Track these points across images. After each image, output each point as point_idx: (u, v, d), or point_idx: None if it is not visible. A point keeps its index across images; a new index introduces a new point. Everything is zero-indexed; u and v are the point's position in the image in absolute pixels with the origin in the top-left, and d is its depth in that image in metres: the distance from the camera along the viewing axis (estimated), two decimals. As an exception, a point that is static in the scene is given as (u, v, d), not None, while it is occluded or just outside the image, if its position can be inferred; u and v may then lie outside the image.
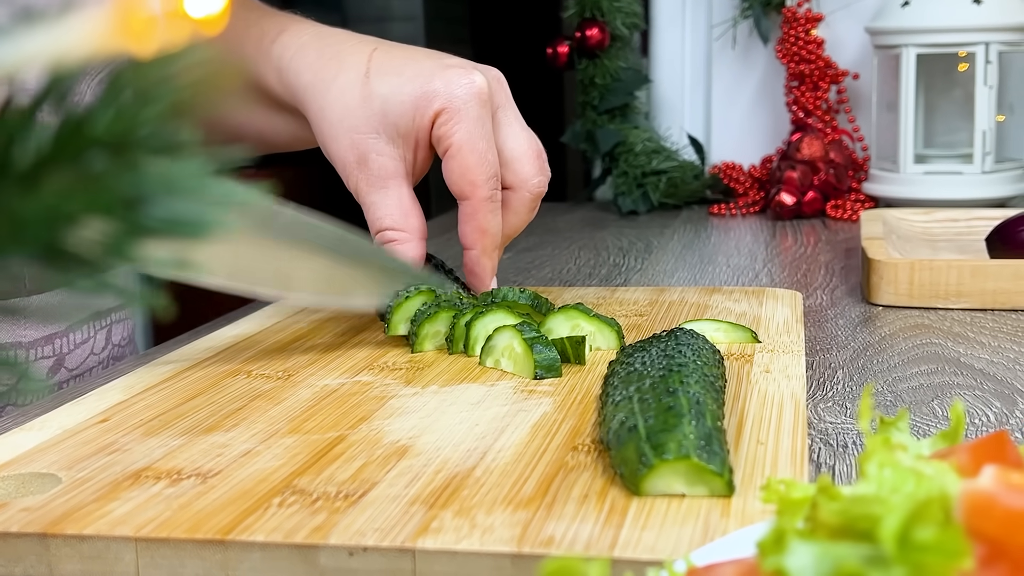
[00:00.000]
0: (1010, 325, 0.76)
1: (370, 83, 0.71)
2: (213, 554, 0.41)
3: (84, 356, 0.74)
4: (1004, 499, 0.27)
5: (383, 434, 0.52)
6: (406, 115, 0.70)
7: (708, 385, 0.51)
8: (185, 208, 0.17)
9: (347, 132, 0.71)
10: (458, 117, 0.69)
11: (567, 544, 0.40)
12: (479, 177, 0.70)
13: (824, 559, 0.25)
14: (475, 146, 0.69)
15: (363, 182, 0.71)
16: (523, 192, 0.73)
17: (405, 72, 0.71)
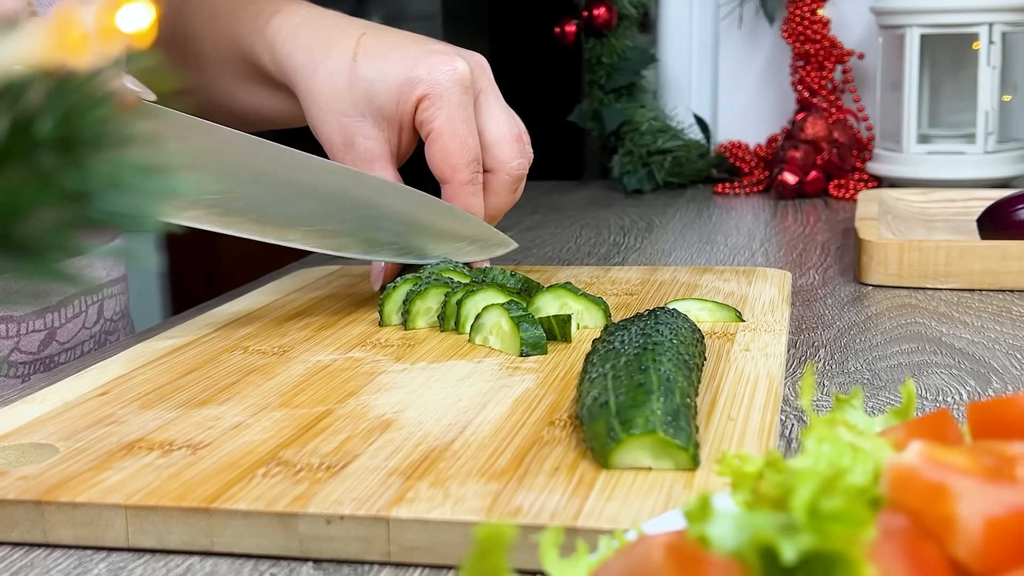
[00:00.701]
0: (995, 305, 0.77)
1: (357, 67, 0.74)
2: (198, 521, 0.43)
3: (76, 330, 0.77)
4: (924, 472, 0.29)
5: (369, 408, 0.54)
6: (391, 100, 0.73)
7: (681, 363, 0.52)
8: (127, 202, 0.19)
9: (334, 114, 0.74)
10: (440, 103, 0.72)
11: (534, 513, 0.42)
12: (459, 161, 0.72)
13: (743, 527, 0.27)
14: (456, 131, 0.72)
15: (349, 163, 0.74)
16: (503, 175, 0.75)
17: (391, 57, 0.73)
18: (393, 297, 0.70)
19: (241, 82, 0.82)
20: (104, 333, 0.81)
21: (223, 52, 0.82)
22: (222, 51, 0.82)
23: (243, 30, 0.79)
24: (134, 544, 0.44)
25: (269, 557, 0.43)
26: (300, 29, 0.76)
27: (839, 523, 0.25)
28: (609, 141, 1.43)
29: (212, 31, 0.83)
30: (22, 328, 0.73)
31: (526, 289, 0.71)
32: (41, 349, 0.74)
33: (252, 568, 0.42)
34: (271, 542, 0.43)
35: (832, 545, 0.25)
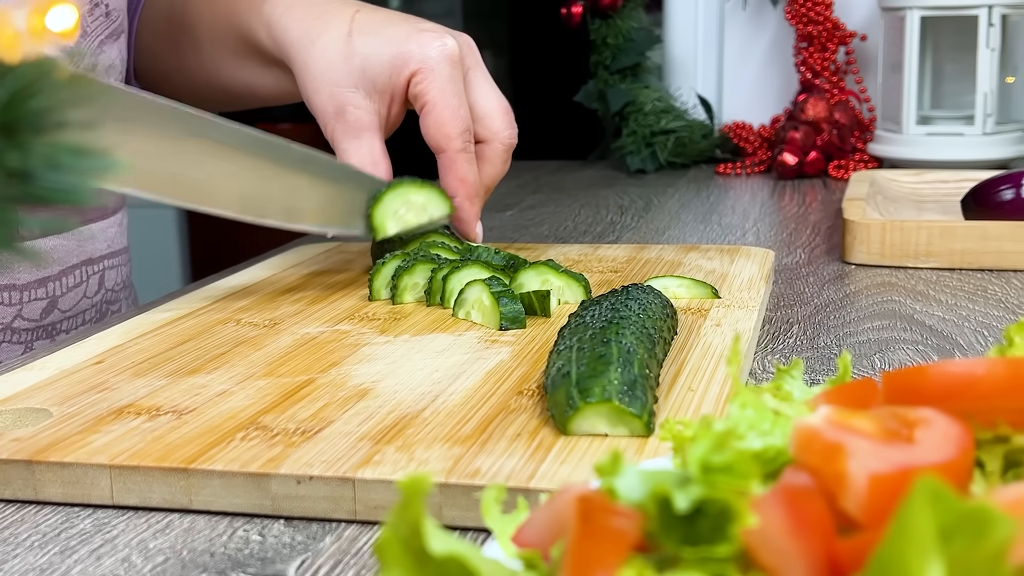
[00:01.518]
0: (972, 284, 0.79)
1: (352, 42, 0.77)
2: (177, 481, 0.46)
3: (77, 299, 0.80)
4: (825, 433, 0.31)
5: (349, 378, 0.57)
6: (383, 73, 0.77)
7: (645, 336, 0.54)
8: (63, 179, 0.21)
9: (328, 85, 0.77)
10: (432, 76, 0.75)
11: (491, 476, 0.44)
12: (453, 131, 0.76)
13: (646, 481, 0.29)
14: (448, 102, 0.75)
15: (339, 131, 0.78)
16: (495, 144, 0.79)
17: (384, 34, 0.77)
18: (382, 272, 0.73)
19: (236, 60, 0.85)
20: (105, 303, 0.84)
21: (219, 31, 0.85)
22: (219, 31, 0.85)
23: (240, 9, 0.82)
24: (118, 501, 0.47)
25: (244, 515, 0.46)
26: (295, 7, 0.80)
27: (726, 476, 0.27)
28: (614, 121, 1.45)
29: (209, 11, 0.86)
30: (24, 296, 0.76)
31: (511, 266, 0.73)
32: (43, 317, 0.77)
33: (227, 525, 0.45)
34: (245, 500, 0.46)
35: (719, 496, 0.27)
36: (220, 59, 0.86)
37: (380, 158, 0.78)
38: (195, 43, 0.87)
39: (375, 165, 0.78)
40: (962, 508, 0.22)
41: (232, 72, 0.86)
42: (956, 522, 0.22)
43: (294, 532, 0.44)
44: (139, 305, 0.92)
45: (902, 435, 0.32)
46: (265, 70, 0.85)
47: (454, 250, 0.75)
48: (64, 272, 0.78)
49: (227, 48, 0.85)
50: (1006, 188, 0.86)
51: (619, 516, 0.28)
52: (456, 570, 0.28)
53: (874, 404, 0.36)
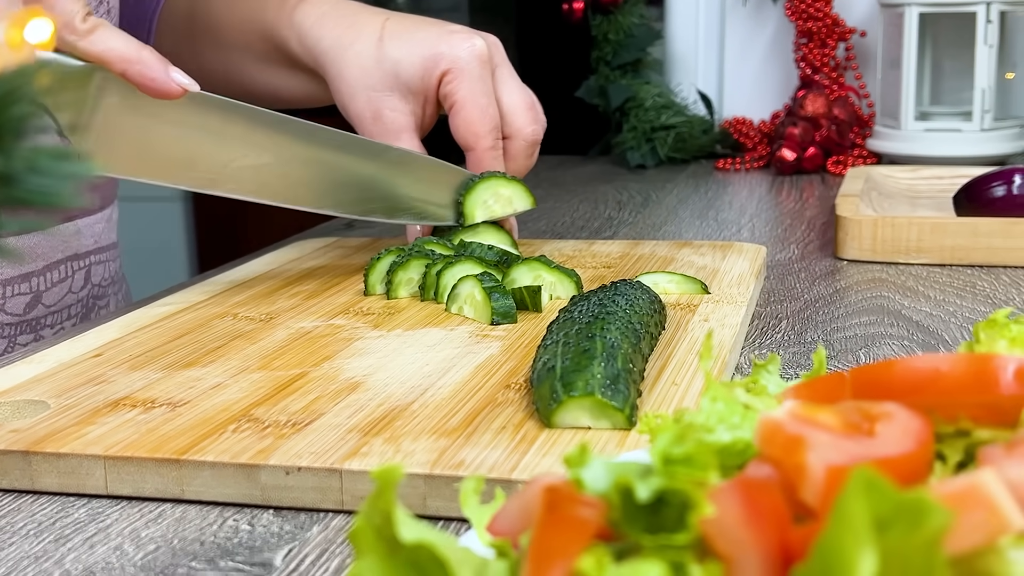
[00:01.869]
0: (961, 280, 0.79)
1: (384, 47, 0.80)
2: (170, 471, 0.47)
3: (62, 294, 0.81)
4: (787, 427, 0.32)
5: (341, 371, 0.58)
6: (416, 75, 0.79)
7: (630, 332, 0.55)
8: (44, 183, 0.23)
9: (364, 91, 0.80)
10: (462, 76, 0.78)
11: (474, 467, 0.45)
12: (482, 129, 0.78)
13: (612, 472, 0.30)
14: (477, 101, 0.78)
15: (378, 135, 0.80)
16: (519, 140, 0.81)
17: (415, 37, 0.80)
18: (377, 268, 0.74)
19: (261, 64, 0.87)
20: (93, 298, 0.85)
21: (245, 36, 0.87)
22: (244, 35, 0.87)
23: (268, 16, 0.85)
24: (112, 491, 0.48)
25: (234, 505, 0.47)
26: (327, 17, 0.82)
27: (686, 468, 0.28)
28: (614, 117, 1.46)
29: (235, 16, 0.87)
30: (7, 291, 0.77)
31: (504, 261, 0.74)
32: (27, 311, 0.79)
33: (218, 514, 0.46)
34: (235, 491, 0.47)
35: (678, 486, 0.28)
36: (244, 62, 0.88)
37: None
38: (217, 44, 0.89)
39: None
40: (898, 499, 0.23)
41: (256, 75, 0.88)
42: (893, 512, 0.23)
43: (283, 522, 0.45)
44: (131, 298, 0.94)
45: (863, 429, 0.33)
46: (290, 74, 0.87)
47: (448, 246, 0.77)
48: (48, 267, 0.80)
49: (252, 52, 0.87)
50: (998, 185, 0.87)
51: (584, 506, 0.29)
52: (426, 557, 0.29)
53: (842, 398, 0.37)
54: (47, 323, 0.81)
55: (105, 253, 0.87)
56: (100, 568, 0.42)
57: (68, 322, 0.83)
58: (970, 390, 0.35)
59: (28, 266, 0.78)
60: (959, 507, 0.26)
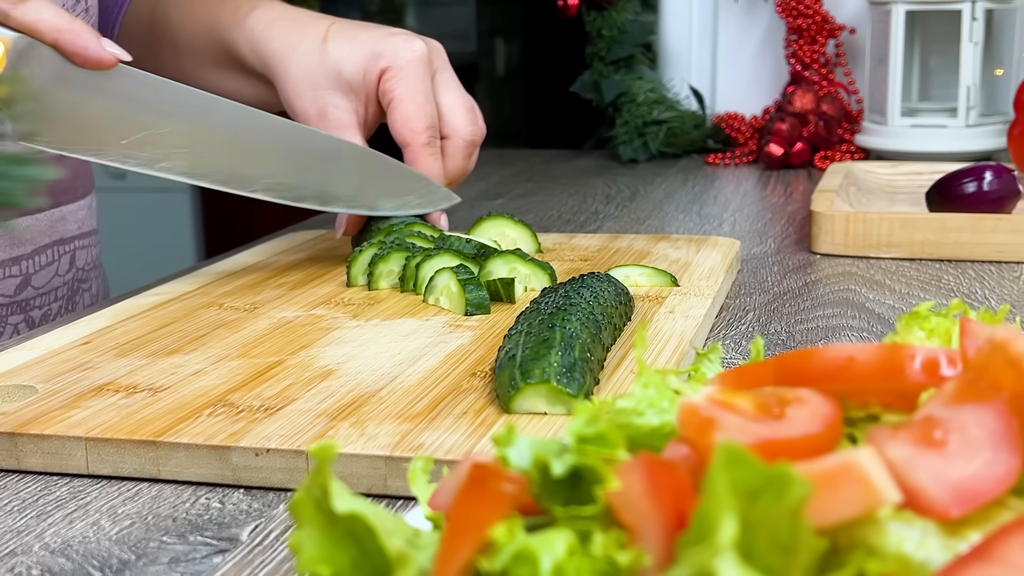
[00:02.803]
0: (928, 274, 0.82)
1: (327, 48, 0.83)
2: (147, 452, 0.50)
3: (49, 277, 0.85)
4: (702, 410, 0.35)
5: (316, 359, 0.61)
6: (357, 73, 0.82)
7: (591, 323, 0.58)
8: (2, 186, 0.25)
9: (308, 89, 0.82)
10: (400, 74, 0.81)
11: (432, 450, 0.48)
12: (417, 125, 0.81)
13: (534, 450, 0.33)
14: (414, 99, 0.81)
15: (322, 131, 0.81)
16: (458, 140, 0.83)
17: (357, 39, 0.83)
18: (359, 260, 0.77)
19: (216, 69, 0.90)
20: (77, 281, 0.89)
21: (200, 42, 0.90)
22: (200, 41, 0.90)
23: (223, 22, 0.87)
24: (93, 471, 0.50)
25: (207, 484, 0.50)
26: (276, 22, 0.85)
27: (596, 446, 0.31)
28: (608, 111, 1.48)
29: (191, 22, 0.90)
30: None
31: (482, 254, 0.77)
32: (17, 293, 0.82)
33: (192, 493, 0.49)
34: (208, 471, 0.50)
35: (588, 463, 0.31)
36: (200, 68, 0.91)
37: None
38: (174, 51, 0.92)
39: None
40: (764, 471, 0.25)
41: (212, 81, 0.91)
42: (762, 484, 0.25)
43: (252, 500, 0.48)
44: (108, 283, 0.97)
45: (774, 412, 0.36)
46: (244, 80, 0.90)
47: (429, 239, 0.79)
48: (37, 251, 0.83)
49: (208, 58, 0.90)
50: (968, 181, 0.89)
51: (505, 481, 0.32)
52: (360, 527, 0.31)
53: (764, 384, 0.40)
54: (36, 304, 0.84)
55: (88, 239, 0.90)
56: (77, 541, 0.45)
57: (55, 304, 0.86)
58: (880, 378, 0.37)
59: (18, 250, 0.81)
60: (836, 482, 0.28)
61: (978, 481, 0.29)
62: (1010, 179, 0.89)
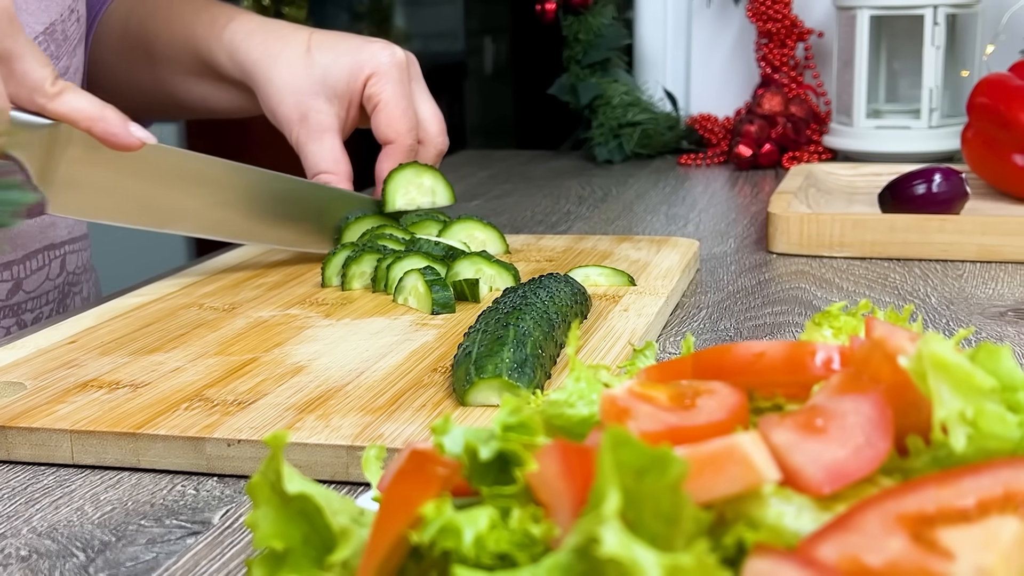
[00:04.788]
0: (876, 273, 0.86)
1: (311, 56, 0.88)
2: (127, 444, 0.54)
3: (40, 281, 0.89)
4: (619, 400, 0.39)
5: (288, 357, 0.65)
6: (343, 79, 0.87)
7: (545, 321, 0.62)
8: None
9: (292, 95, 0.87)
10: (386, 79, 0.86)
11: (392, 440, 0.52)
12: (403, 127, 0.86)
13: (465, 437, 0.37)
14: (399, 102, 0.86)
15: (303, 135, 0.87)
16: (431, 147, 0.89)
17: (339, 47, 0.88)
18: (333, 261, 0.81)
19: (192, 77, 0.94)
20: (68, 284, 0.93)
21: (177, 52, 0.93)
22: (176, 51, 0.93)
23: (199, 33, 0.91)
24: (77, 461, 0.54)
25: (183, 472, 0.53)
26: (255, 33, 0.90)
27: (518, 433, 0.35)
28: (584, 113, 1.52)
29: (167, 32, 0.94)
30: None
31: (450, 256, 0.81)
32: (9, 297, 0.86)
33: (169, 481, 0.53)
34: (184, 460, 0.53)
35: (510, 447, 0.35)
36: (176, 76, 0.95)
37: (341, 155, 0.88)
38: (150, 59, 0.96)
39: (337, 162, 0.88)
40: (649, 452, 0.29)
41: (188, 88, 0.95)
42: (647, 463, 0.29)
43: (224, 487, 0.52)
44: (100, 286, 1.01)
45: (686, 403, 0.40)
46: (219, 87, 0.94)
47: (400, 241, 0.83)
48: (28, 256, 0.87)
49: (184, 67, 0.94)
50: (919, 183, 0.93)
51: (440, 464, 0.36)
52: (310, 506, 0.35)
53: (683, 378, 0.44)
54: (27, 308, 0.88)
55: (78, 243, 0.94)
56: (63, 525, 0.49)
57: (47, 307, 0.90)
58: (784, 372, 0.41)
59: (9, 255, 0.85)
60: (721, 462, 0.32)
61: (850, 462, 0.33)
62: (958, 181, 0.93)
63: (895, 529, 0.30)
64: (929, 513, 0.30)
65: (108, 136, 0.72)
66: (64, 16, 0.84)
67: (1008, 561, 0.28)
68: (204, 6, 0.93)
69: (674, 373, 0.44)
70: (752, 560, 0.29)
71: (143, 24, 0.97)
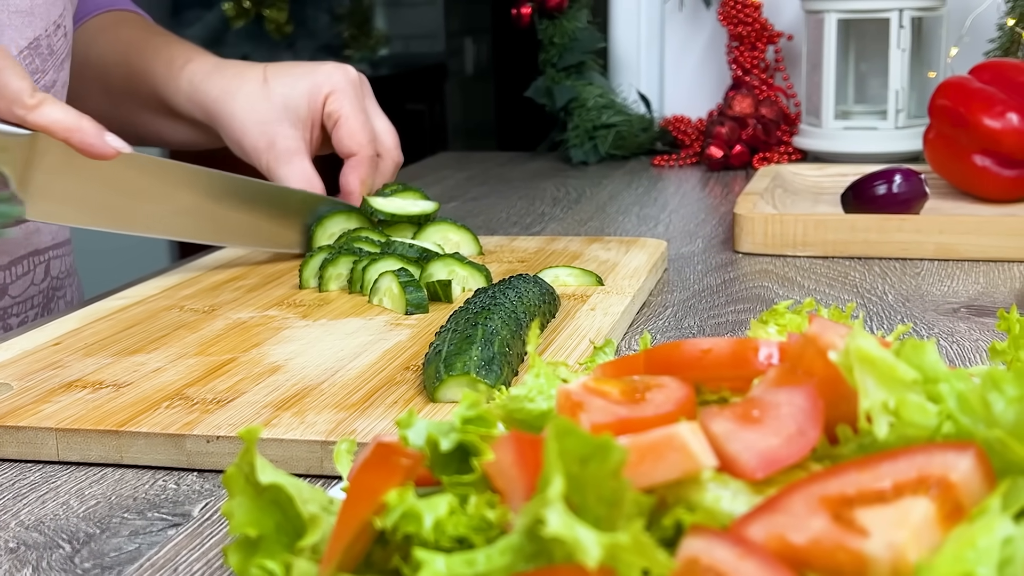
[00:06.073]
0: (837, 271, 0.89)
1: (269, 87, 0.92)
2: (110, 441, 0.56)
3: (26, 286, 0.91)
4: (574, 394, 0.41)
5: (266, 356, 0.67)
6: (303, 103, 0.91)
7: (513, 320, 0.64)
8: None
9: (256, 124, 0.91)
10: (343, 96, 0.90)
11: (364, 435, 0.54)
12: (364, 138, 0.90)
13: (428, 430, 0.39)
14: (358, 115, 0.90)
15: (272, 161, 0.91)
16: (388, 160, 0.93)
17: (294, 73, 0.92)
18: (310, 264, 0.83)
19: (148, 112, 1.00)
20: (52, 289, 0.95)
21: (134, 88, 0.98)
22: (133, 87, 0.98)
23: (157, 72, 0.96)
24: (63, 458, 0.57)
25: (164, 468, 0.56)
26: (212, 75, 0.94)
27: (476, 426, 0.38)
28: (560, 116, 1.55)
29: (124, 68, 0.98)
30: None
31: (424, 257, 0.83)
32: None
33: (151, 476, 0.55)
34: (165, 456, 0.56)
35: (468, 439, 0.37)
36: (133, 110, 1.00)
37: (313, 176, 0.92)
38: (107, 92, 1.01)
39: (310, 182, 0.92)
40: (592, 441, 0.32)
41: (144, 121, 1.00)
42: (590, 451, 0.32)
43: (203, 481, 0.54)
44: (83, 290, 1.04)
45: (636, 396, 0.42)
46: (176, 124, 0.99)
47: (376, 243, 0.85)
48: (13, 262, 0.89)
49: (139, 102, 0.99)
50: (880, 184, 0.96)
51: (403, 456, 0.38)
52: (283, 496, 0.38)
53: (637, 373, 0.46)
54: (13, 312, 0.90)
55: (61, 248, 0.96)
56: (49, 519, 0.51)
57: (32, 311, 0.92)
58: (730, 367, 0.44)
59: None
60: (661, 449, 0.35)
61: (782, 450, 0.36)
62: (917, 182, 0.96)
63: (818, 510, 0.32)
64: (849, 495, 0.33)
65: (85, 146, 0.74)
66: (49, 31, 0.87)
67: (918, 538, 0.31)
68: (163, 45, 0.97)
69: (628, 369, 0.47)
70: (687, 539, 0.32)
71: (102, 57, 1.00)
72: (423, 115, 4.07)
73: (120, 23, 1.02)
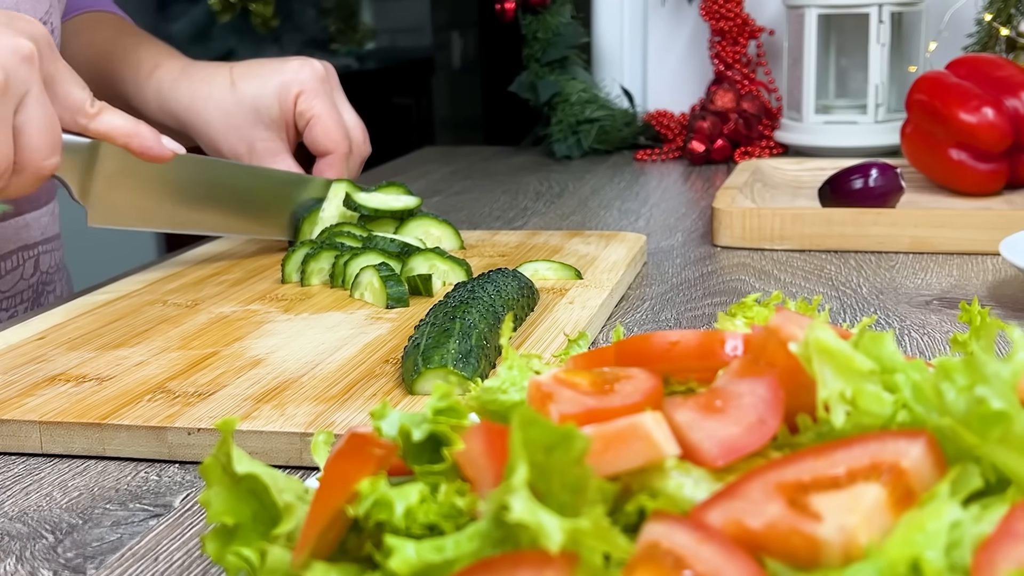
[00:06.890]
0: (813, 264, 0.90)
1: (237, 90, 0.92)
2: (93, 433, 0.57)
3: (15, 281, 0.92)
4: (544, 385, 0.42)
5: (248, 350, 0.68)
6: (274, 106, 0.92)
7: (491, 314, 0.65)
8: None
9: (232, 131, 0.92)
10: (314, 94, 0.91)
11: (342, 427, 0.55)
12: (339, 136, 0.91)
13: (401, 421, 0.40)
14: (331, 113, 0.91)
15: (256, 163, 0.92)
16: (357, 156, 0.94)
17: (261, 74, 0.92)
18: (292, 259, 0.84)
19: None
20: (41, 283, 0.96)
21: (105, 91, 0.98)
22: (104, 90, 0.98)
23: (126, 78, 0.96)
24: (46, 451, 0.58)
25: (146, 460, 0.57)
26: (179, 80, 0.94)
27: (447, 416, 0.39)
28: (544, 111, 1.56)
29: (95, 73, 0.98)
30: None
31: (406, 252, 0.84)
32: None
33: (133, 468, 0.56)
34: (147, 449, 0.57)
35: (439, 429, 0.38)
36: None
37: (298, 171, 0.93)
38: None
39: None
40: (555, 430, 0.33)
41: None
42: (554, 440, 0.33)
43: (185, 473, 0.55)
44: (72, 285, 1.04)
45: (605, 388, 0.43)
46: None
47: (358, 238, 0.86)
48: (3, 257, 0.90)
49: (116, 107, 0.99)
50: (856, 178, 0.97)
51: (376, 446, 0.39)
52: (259, 485, 0.39)
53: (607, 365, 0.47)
54: (2, 307, 0.91)
55: (51, 243, 0.97)
56: (33, 510, 0.52)
57: (21, 306, 0.93)
58: (697, 358, 0.45)
59: None
60: (625, 438, 0.36)
61: (743, 438, 0.37)
62: (893, 176, 0.97)
63: (774, 496, 0.33)
64: (805, 481, 0.34)
65: (144, 150, 0.76)
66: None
67: (869, 522, 0.32)
68: (131, 48, 0.97)
69: (599, 361, 0.48)
70: (648, 524, 0.33)
71: (73, 60, 1.01)
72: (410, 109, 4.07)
73: (94, 25, 1.03)
